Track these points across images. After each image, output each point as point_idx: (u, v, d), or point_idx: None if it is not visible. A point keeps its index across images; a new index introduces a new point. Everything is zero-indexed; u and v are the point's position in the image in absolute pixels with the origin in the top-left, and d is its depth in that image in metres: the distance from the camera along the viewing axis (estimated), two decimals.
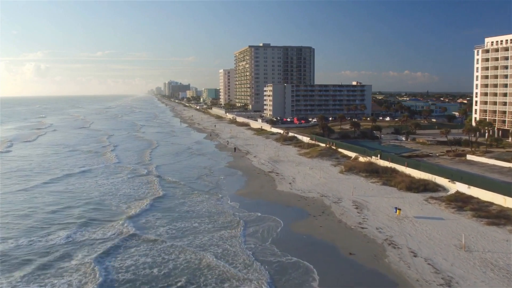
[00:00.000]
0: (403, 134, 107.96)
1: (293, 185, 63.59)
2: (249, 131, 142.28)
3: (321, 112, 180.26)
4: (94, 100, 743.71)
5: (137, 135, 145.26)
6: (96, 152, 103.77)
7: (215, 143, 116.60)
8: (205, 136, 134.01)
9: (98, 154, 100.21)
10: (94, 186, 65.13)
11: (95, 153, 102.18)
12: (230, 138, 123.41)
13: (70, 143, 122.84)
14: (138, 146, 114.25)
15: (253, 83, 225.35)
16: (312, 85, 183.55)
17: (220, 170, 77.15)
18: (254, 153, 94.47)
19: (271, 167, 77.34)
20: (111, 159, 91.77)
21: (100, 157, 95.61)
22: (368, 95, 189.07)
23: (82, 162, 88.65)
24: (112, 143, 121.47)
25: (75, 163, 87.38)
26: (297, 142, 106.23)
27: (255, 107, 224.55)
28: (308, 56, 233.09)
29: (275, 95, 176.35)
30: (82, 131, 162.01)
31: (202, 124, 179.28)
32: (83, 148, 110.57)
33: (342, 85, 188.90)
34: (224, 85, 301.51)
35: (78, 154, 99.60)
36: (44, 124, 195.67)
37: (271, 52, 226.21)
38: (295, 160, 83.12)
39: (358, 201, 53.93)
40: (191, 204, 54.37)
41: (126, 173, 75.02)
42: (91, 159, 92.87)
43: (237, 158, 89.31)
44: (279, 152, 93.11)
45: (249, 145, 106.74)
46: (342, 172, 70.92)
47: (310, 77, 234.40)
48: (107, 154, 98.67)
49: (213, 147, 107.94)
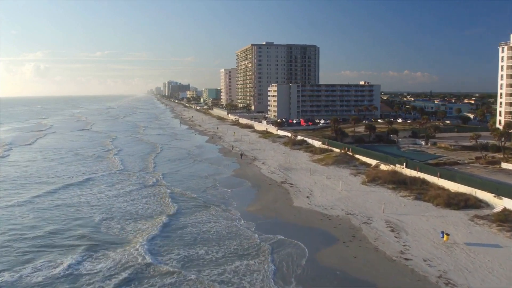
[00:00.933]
0: (422, 138, 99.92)
1: (311, 199, 55.49)
2: (254, 133, 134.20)
3: (328, 113, 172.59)
4: (94, 100, 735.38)
5: (140, 137, 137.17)
6: (99, 156, 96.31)
7: (218, 147, 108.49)
8: (207, 139, 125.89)
9: (101, 159, 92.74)
10: (98, 199, 57.27)
11: (98, 157, 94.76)
12: (234, 142, 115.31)
13: (71, 146, 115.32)
14: (142, 150, 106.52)
15: (256, 83, 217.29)
16: (319, 85, 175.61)
17: (226, 180, 69.04)
18: (262, 159, 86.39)
19: (283, 177, 69.25)
20: (115, 165, 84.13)
21: (103, 162, 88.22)
22: (377, 95, 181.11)
23: (84, 168, 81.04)
24: (116, 146, 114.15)
25: (76, 169, 79.71)
26: (308, 146, 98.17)
27: (258, 107, 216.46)
28: (312, 55, 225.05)
29: (280, 96, 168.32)
30: (84, 133, 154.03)
31: (203, 126, 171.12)
32: (85, 152, 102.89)
33: (350, 85, 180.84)
34: (225, 85, 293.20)
35: (80, 160, 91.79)
36: (45, 126, 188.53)
37: (274, 51, 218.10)
38: (308, 168, 75.02)
39: (391, 220, 45.92)
40: (198, 224, 46.36)
41: (132, 182, 67.32)
42: (93, 164, 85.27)
43: (244, 165, 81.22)
44: (290, 158, 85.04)
45: (256, 150, 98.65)
46: (365, 183, 62.88)
47: (315, 77, 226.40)
48: (111, 159, 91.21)
49: (216, 152, 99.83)
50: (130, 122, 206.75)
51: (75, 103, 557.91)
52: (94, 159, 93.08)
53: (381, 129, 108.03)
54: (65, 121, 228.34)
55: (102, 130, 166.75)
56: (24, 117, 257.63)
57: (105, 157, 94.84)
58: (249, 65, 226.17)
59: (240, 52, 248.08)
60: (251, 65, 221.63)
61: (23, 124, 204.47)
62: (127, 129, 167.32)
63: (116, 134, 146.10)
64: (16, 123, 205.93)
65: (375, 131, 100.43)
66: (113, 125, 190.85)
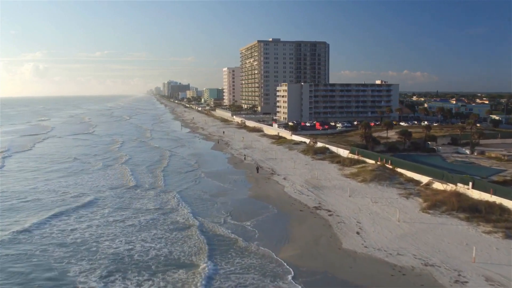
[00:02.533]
0: (464, 146, 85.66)
1: (364, 237, 41.10)
2: (265, 139, 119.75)
3: (343, 115, 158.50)
4: (94, 100, 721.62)
5: (146, 142, 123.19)
6: (106, 166, 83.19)
7: (227, 155, 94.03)
8: (212, 146, 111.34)
9: (109, 170, 79.37)
10: (108, 234, 43.15)
11: (104, 167, 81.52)
12: (244, 149, 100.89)
13: (74, 153, 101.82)
14: (150, 158, 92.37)
15: (262, 82, 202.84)
16: (333, 84, 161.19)
17: (244, 203, 54.62)
18: (282, 172, 71.99)
19: (315, 199, 54.88)
20: (126, 178, 70.51)
21: (111, 174, 74.72)
22: (395, 95, 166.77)
23: (90, 183, 67.43)
24: (123, 152, 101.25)
25: (80, 185, 66.15)
26: (333, 156, 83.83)
27: (264, 109, 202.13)
28: (322, 52, 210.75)
29: (290, 96, 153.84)
30: (88, 137, 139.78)
31: (207, 129, 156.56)
32: (90, 161, 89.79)
33: (366, 85, 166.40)
34: (228, 85, 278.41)
35: (84, 171, 78.07)
36: (46, 128, 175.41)
37: (282, 48, 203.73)
38: (343, 186, 60.67)
39: (492, 277, 31.82)
40: None
41: (149, 208, 52.91)
42: (101, 177, 71.63)
43: (261, 181, 66.75)
44: (316, 172, 70.67)
45: (272, 160, 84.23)
46: (425, 209, 48.58)
47: (325, 76, 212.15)
48: (120, 170, 77.83)
49: (225, 162, 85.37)
50: (133, 125, 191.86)
51: (75, 104, 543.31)
52: (101, 169, 79.67)
53: (418, 135, 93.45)
54: (67, 123, 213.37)
55: (106, 133, 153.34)
56: (24, 119, 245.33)
57: (112, 167, 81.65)
58: (254, 63, 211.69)
59: (244, 49, 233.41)
60: (257, 63, 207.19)
61: (22, 126, 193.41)
62: (131, 133, 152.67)
63: (121, 138, 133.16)
64: (16, 125, 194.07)
65: (410, 138, 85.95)
66: (117, 128, 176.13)
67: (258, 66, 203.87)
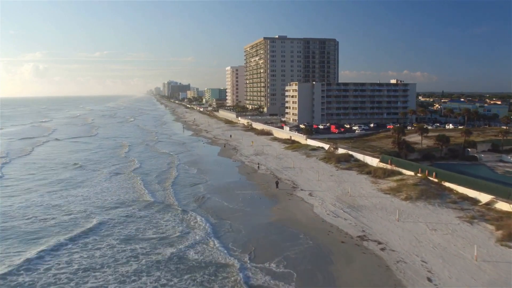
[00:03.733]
0: (510, 153, 74.96)
1: (440, 287, 30.37)
2: (276, 143, 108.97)
3: (357, 117, 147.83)
4: (95, 100, 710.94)
5: (153, 147, 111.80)
6: (115, 174, 74.12)
7: (236, 163, 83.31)
8: (219, 151, 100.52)
9: (119, 180, 69.57)
10: (130, 274, 33.62)
11: (112, 177, 71.74)
12: (256, 156, 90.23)
13: (79, 158, 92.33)
14: (159, 166, 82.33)
15: (268, 82, 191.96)
16: (346, 84, 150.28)
17: (268, 229, 43.83)
18: (306, 186, 61.27)
19: (355, 224, 44.17)
20: (137, 193, 60.11)
21: (123, 185, 64.95)
22: (412, 95, 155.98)
23: (96, 199, 57.10)
24: (131, 157, 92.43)
25: (84, 202, 55.79)
26: (359, 165, 73.14)
27: (271, 109, 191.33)
28: (332, 50, 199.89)
29: (301, 96, 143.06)
30: (92, 140, 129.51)
31: (211, 132, 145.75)
32: (97, 168, 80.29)
33: (382, 84, 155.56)
34: (231, 85, 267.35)
35: (91, 182, 68.08)
36: (47, 130, 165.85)
37: (289, 45, 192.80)
38: (385, 205, 49.99)
39: None
40: None
41: (173, 238, 41.86)
42: (108, 191, 61.49)
43: (283, 198, 56.01)
44: (345, 185, 60.05)
45: (290, 170, 73.50)
46: (502, 242, 37.90)
47: (335, 75, 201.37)
48: (131, 181, 67.86)
49: (236, 172, 74.59)
50: (137, 127, 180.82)
51: (76, 104, 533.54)
52: (108, 179, 69.98)
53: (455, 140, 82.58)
54: (69, 124, 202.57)
55: (110, 135, 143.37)
56: (25, 120, 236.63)
57: (123, 176, 72.22)
58: (260, 62, 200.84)
59: (249, 47, 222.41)
60: (262, 61, 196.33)
61: (23, 127, 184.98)
62: (136, 135, 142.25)
63: (126, 141, 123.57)
64: (16, 127, 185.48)
65: (448, 144, 75.15)
66: (120, 130, 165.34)
67: (264, 64, 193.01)
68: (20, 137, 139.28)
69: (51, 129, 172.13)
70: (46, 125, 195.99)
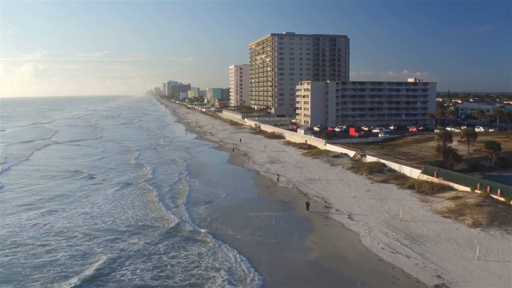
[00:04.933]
0: None
1: None
2: (291, 148, 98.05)
3: (373, 118, 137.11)
4: (95, 100, 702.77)
5: (160, 151, 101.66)
6: (126, 184, 64.47)
7: (250, 174, 72.42)
8: (228, 158, 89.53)
9: (131, 192, 59.79)
10: None
11: (124, 187, 62.46)
12: (271, 163, 79.38)
13: (84, 165, 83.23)
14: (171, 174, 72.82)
15: (276, 81, 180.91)
16: (362, 83, 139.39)
17: (310, 276, 32.80)
18: (341, 205, 50.37)
19: (425, 265, 33.26)
20: (156, 212, 49.97)
21: (136, 202, 54.39)
22: (432, 96, 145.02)
23: (105, 221, 46.74)
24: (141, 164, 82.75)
25: (91, 225, 45.42)
26: (395, 176, 62.33)
27: (279, 110, 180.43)
28: (343, 47, 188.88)
29: (314, 96, 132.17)
30: (97, 144, 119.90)
31: (216, 135, 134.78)
32: (104, 177, 70.39)
33: (400, 83, 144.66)
34: (235, 84, 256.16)
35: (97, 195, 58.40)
36: (49, 132, 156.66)
37: (298, 42, 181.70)
38: (450, 234, 39.09)
39: None
40: None
41: None
42: (122, 209, 51.28)
43: (318, 222, 45.07)
44: (389, 204, 49.23)
45: (315, 182, 62.57)
46: None
47: (346, 74, 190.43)
48: (146, 198, 56.73)
49: (252, 186, 63.57)
50: (142, 128, 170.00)
51: (77, 104, 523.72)
52: (120, 191, 60.44)
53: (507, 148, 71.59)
54: (71, 125, 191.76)
55: (116, 138, 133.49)
56: (26, 120, 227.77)
57: (134, 188, 62.34)
58: (267, 60, 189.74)
59: (255, 44, 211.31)
60: (269, 59, 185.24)
61: (24, 128, 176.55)
62: (142, 139, 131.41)
63: (133, 145, 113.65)
64: (16, 128, 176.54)
65: (499, 152, 64.22)
66: (126, 132, 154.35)
67: (271, 62, 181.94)
68: (20, 139, 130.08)
69: (53, 130, 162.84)
70: (48, 126, 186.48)
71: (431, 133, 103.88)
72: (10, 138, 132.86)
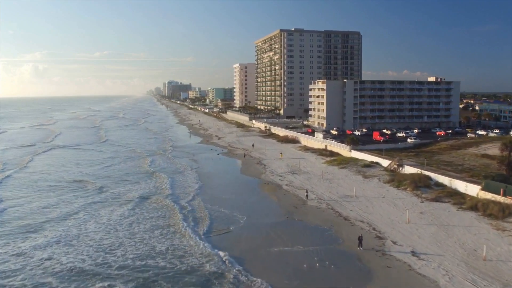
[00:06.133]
0: None
1: None
2: (310, 154, 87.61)
3: (393, 120, 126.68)
4: (96, 100, 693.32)
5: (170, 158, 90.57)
6: (144, 199, 55.00)
7: (270, 187, 61.99)
8: (241, 168, 78.95)
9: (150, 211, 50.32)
10: None
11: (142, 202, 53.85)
12: (291, 174, 69.06)
13: (91, 173, 74.22)
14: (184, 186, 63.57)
15: (285, 80, 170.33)
16: (382, 82, 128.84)
17: None
18: (398, 236, 39.91)
19: None
20: (178, 239, 40.73)
21: (154, 228, 44.25)
22: (456, 96, 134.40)
23: (126, 250, 37.94)
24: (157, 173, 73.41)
25: (108, 259, 35.88)
26: (448, 192, 52.08)
27: (288, 111, 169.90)
28: (356, 44, 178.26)
29: (329, 96, 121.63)
30: (104, 147, 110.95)
31: (223, 138, 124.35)
32: (115, 190, 60.99)
33: (422, 82, 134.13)
34: (239, 84, 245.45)
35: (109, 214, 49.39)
36: (52, 134, 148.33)
37: (308, 39, 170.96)
38: None
39: None
40: None
41: None
42: (141, 234, 42.37)
43: (376, 264, 34.64)
44: (458, 233, 38.87)
45: (353, 200, 52.16)
46: None
47: (359, 73, 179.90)
48: (173, 220, 46.71)
49: (276, 206, 53.19)
50: (149, 131, 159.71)
51: (79, 104, 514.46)
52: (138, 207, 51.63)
53: None
54: (75, 127, 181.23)
55: (123, 141, 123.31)
56: (27, 121, 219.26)
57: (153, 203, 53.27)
58: (275, 57, 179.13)
59: (261, 42, 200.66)
60: (278, 57, 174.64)
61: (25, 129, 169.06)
62: (150, 142, 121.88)
63: (142, 150, 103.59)
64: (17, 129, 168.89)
65: None
66: (132, 135, 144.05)
67: (280, 60, 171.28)
68: (21, 143, 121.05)
69: (55, 132, 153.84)
70: (51, 127, 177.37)
71: (465, 138, 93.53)
72: (10, 142, 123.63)
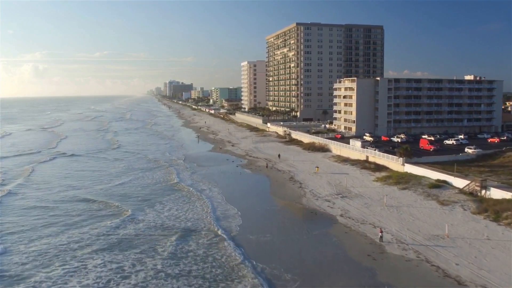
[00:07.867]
0: None
1: None
2: (349, 167, 72.40)
3: (431, 124, 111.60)
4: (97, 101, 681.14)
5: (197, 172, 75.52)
6: (189, 233, 42.73)
7: (320, 220, 46.90)
8: (270, 186, 63.79)
9: (202, 255, 35.44)
10: None
11: (187, 238, 41.45)
12: (340, 197, 53.92)
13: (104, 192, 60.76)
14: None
15: (302, 79, 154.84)
16: (418, 80, 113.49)
17: None
18: None
19: None
20: None
21: None
22: (499, 96, 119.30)
23: None
24: (185, 188, 62.45)
25: None
26: None
27: (305, 113, 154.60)
28: (379, 39, 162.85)
29: (360, 96, 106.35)
30: (116, 155, 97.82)
31: (237, 145, 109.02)
32: (138, 216, 48.62)
33: (463, 81, 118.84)
34: (248, 83, 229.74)
35: (132, 254, 36.87)
36: (56, 137, 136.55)
37: (328, 34, 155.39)
38: None
39: None
40: None
41: None
42: None
43: None
44: None
45: (446, 245, 37.02)
46: None
47: (381, 71, 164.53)
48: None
49: (338, 253, 37.95)
50: (159, 133, 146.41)
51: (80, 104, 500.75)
52: (182, 248, 38.33)
53: None
54: (81, 130, 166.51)
55: (136, 148, 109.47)
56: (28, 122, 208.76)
57: (200, 241, 40.23)
58: (290, 54, 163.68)
59: (273, 37, 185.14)
60: (293, 53, 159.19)
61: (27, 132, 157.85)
62: (162, 148, 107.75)
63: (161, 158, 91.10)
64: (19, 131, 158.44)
65: None
66: (144, 140, 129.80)
67: (296, 57, 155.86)
68: (21, 148, 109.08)
69: (60, 136, 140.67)
70: (55, 130, 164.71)
71: None
72: (12, 147, 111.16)
